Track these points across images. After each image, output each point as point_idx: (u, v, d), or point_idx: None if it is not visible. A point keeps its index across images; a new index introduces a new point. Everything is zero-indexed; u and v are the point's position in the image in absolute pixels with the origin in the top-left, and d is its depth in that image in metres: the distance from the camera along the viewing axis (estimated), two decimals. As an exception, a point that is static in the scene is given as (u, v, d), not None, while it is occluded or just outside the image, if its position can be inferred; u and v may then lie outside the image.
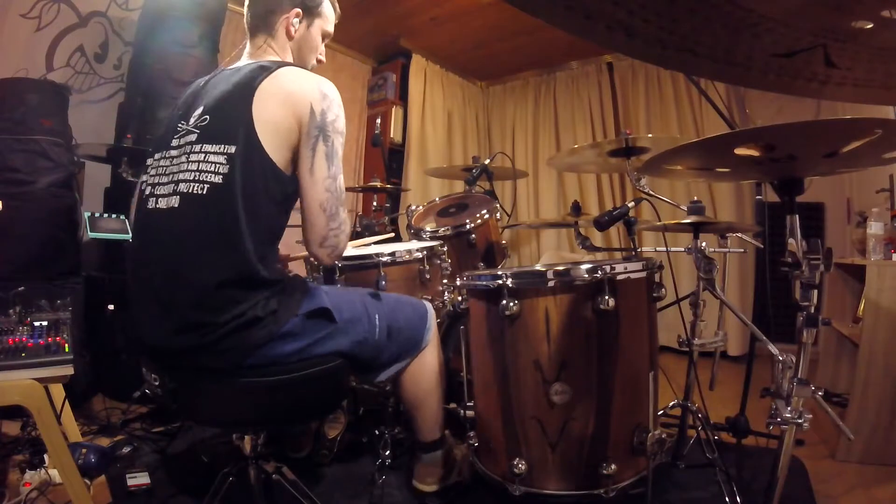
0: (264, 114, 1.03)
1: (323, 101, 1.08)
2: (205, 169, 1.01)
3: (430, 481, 1.40)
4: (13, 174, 1.94)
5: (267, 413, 1.08)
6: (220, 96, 1.07)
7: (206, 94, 1.11)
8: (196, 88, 1.17)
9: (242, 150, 1.01)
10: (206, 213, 1.00)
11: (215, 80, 1.14)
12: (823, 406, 0.97)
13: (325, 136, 1.07)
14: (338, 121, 1.10)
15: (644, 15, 0.49)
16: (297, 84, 1.08)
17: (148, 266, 1.05)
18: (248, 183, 1.01)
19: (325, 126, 1.07)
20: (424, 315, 1.34)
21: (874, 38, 0.53)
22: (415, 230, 2.05)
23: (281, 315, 1.03)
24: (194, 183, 1.01)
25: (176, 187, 1.03)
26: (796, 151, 0.86)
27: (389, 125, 3.84)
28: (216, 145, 1.02)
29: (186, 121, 1.09)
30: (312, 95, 1.07)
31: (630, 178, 1.77)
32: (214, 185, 1.00)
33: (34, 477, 1.41)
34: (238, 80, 1.08)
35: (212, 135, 1.03)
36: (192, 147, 1.04)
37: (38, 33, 2.40)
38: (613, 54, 3.81)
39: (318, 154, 1.06)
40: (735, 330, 3.15)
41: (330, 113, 1.08)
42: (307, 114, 1.05)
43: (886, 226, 1.83)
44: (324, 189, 1.07)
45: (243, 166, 1.00)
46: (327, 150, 1.07)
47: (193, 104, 1.11)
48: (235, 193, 0.99)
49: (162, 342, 1.02)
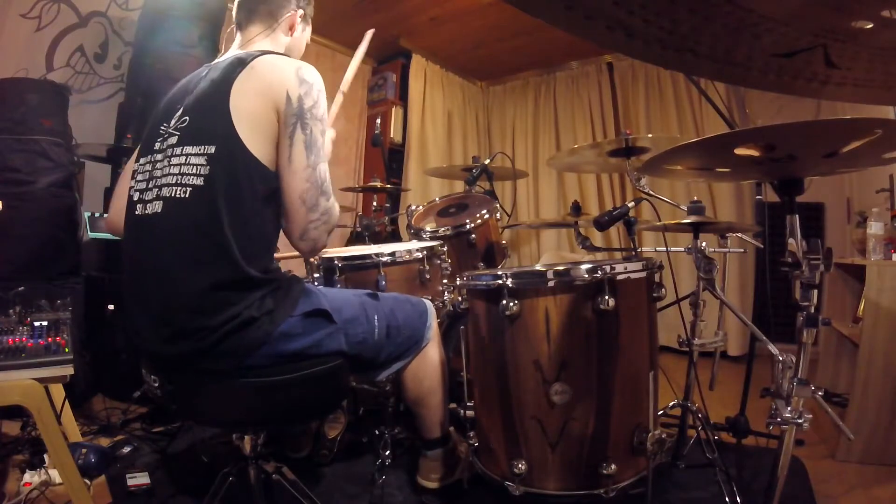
0: (242, 107, 0.99)
1: (300, 86, 1.03)
2: (186, 172, 0.99)
3: (434, 478, 1.41)
4: (13, 174, 1.94)
5: (267, 413, 1.08)
6: (198, 95, 1.05)
7: (186, 94, 1.09)
8: (179, 89, 1.15)
9: (222, 149, 0.98)
10: (189, 217, 0.98)
11: (196, 79, 1.12)
12: (823, 406, 0.97)
13: (304, 123, 1.02)
14: (316, 107, 1.05)
15: (644, 15, 0.49)
16: (274, 71, 1.04)
17: (138, 273, 1.04)
18: (231, 183, 0.98)
19: (303, 113, 1.02)
20: (424, 312, 1.34)
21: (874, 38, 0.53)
22: (415, 230, 2.05)
23: (277, 315, 1.02)
24: (176, 187, 0.99)
25: (159, 192, 1.01)
26: (796, 151, 0.86)
27: (389, 125, 3.84)
28: (196, 146, 1.00)
29: (168, 123, 1.07)
30: (289, 81, 1.02)
31: (630, 178, 1.77)
32: (196, 188, 0.98)
33: (34, 477, 1.41)
34: (215, 77, 1.05)
35: (192, 136, 1.01)
36: (174, 150, 1.02)
37: (38, 33, 2.40)
38: (613, 54, 3.81)
39: (296, 143, 1.02)
40: (735, 330, 3.15)
41: (308, 99, 1.03)
42: (283, 101, 1.01)
43: (886, 226, 1.83)
44: (303, 179, 1.02)
45: (224, 166, 0.98)
46: (306, 138, 1.02)
47: (174, 105, 1.09)
48: (217, 194, 0.97)
49: (159, 349, 1.01)
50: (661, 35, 0.52)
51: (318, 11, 1.36)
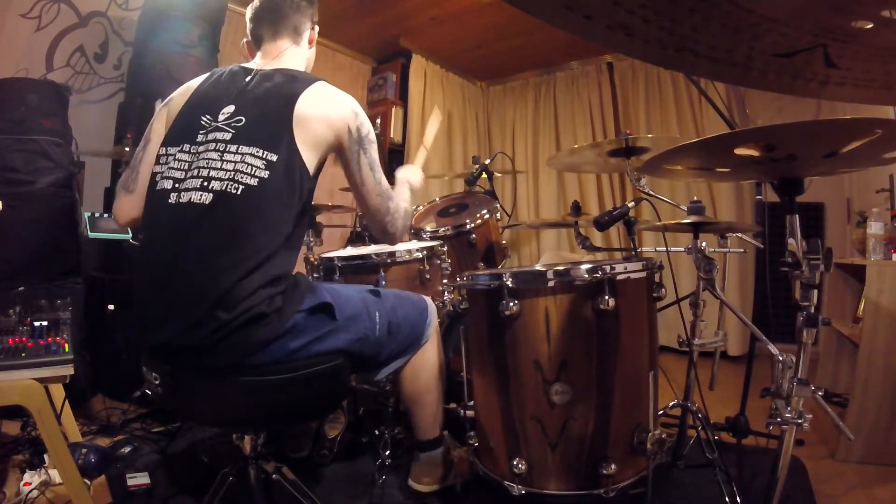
0: (307, 127, 1.10)
1: (356, 119, 1.18)
2: (241, 170, 1.04)
3: (427, 481, 1.40)
4: (13, 174, 1.94)
5: (267, 413, 1.08)
6: (255, 99, 1.12)
7: (233, 93, 1.14)
8: (215, 83, 1.19)
9: (285, 160, 1.07)
10: (238, 214, 1.02)
11: (236, 78, 1.17)
12: (823, 406, 0.96)
13: (364, 149, 1.19)
14: (370, 132, 1.21)
15: (644, 15, 0.49)
16: (334, 105, 1.17)
17: (164, 259, 1.04)
18: (285, 189, 1.06)
19: (363, 141, 1.19)
20: (424, 310, 1.35)
21: (874, 38, 0.53)
22: (415, 230, 2.05)
23: (286, 312, 1.03)
24: (230, 182, 1.03)
25: (207, 184, 1.04)
26: (796, 151, 0.86)
27: (389, 125, 3.84)
28: (255, 149, 1.06)
29: (213, 117, 1.11)
30: (349, 116, 1.17)
31: (630, 178, 1.77)
32: (250, 187, 1.03)
33: (34, 477, 1.41)
34: (273, 89, 1.13)
35: (250, 137, 1.07)
36: (227, 146, 1.06)
37: (38, 33, 2.40)
38: (613, 54, 3.81)
39: (363, 167, 1.19)
40: (735, 330, 3.15)
41: (364, 128, 1.19)
42: (346, 133, 1.16)
43: (886, 226, 1.83)
44: (375, 195, 1.22)
45: (283, 174, 1.06)
46: (369, 160, 1.20)
47: (217, 101, 1.13)
48: (268, 197, 1.04)
49: (170, 338, 1.00)
50: (661, 35, 0.52)
51: (319, 11, 1.36)
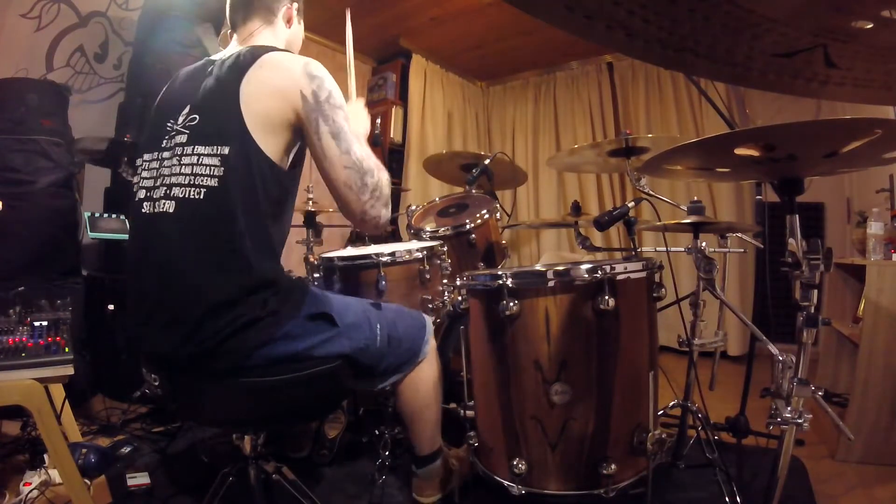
0: (255, 108, 1.00)
1: (311, 82, 1.05)
2: (199, 172, 0.99)
3: (430, 493, 1.39)
4: (13, 174, 1.94)
5: (267, 413, 1.08)
6: (206, 93, 1.05)
7: (191, 90, 1.08)
8: (182, 83, 1.14)
9: (238, 151, 0.99)
10: (203, 218, 0.99)
11: (197, 73, 1.11)
12: (823, 406, 0.96)
13: (324, 115, 1.05)
14: (332, 96, 1.07)
15: (644, 15, 0.49)
16: (283, 72, 1.05)
17: (146, 272, 1.03)
18: (246, 184, 1.00)
19: (321, 106, 1.05)
20: (423, 327, 1.32)
21: (874, 38, 0.53)
22: (415, 230, 2.05)
23: (282, 315, 1.02)
24: (189, 188, 0.99)
25: (170, 191, 1.01)
26: (796, 151, 0.86)
27: (389, 125, 3.84)
28: (208, 146, 1.00)
29: (175, 120, 1.06)
30: (300, 81, 1.04)
31: (630, 178, 1.77)
32: (211, 189, 0.98)
33: (34, 477, 1.41)
34: (222, 75, 1.05)
35: (203, 135, 1.01)
36: (184, 149, 1.02)
37: (38, 33, 2.40)
38: (613, 54, 3.81)
39: (323, 136, 1.04)
40: (735, 330, 3.15)
41: (322, 92, 1.05)
42: (300, 101, 1.03)
43: (886, 226, 1.83)
44: (342, 167, 1.06)
45: (239, 167, 0.99)
46: (331, 128, 1.05)
47: (180, 101, 1.08)
48: (233, 196, 0.98)
49: (162, 350, 1.01)
50: (661, 35, 0.52)
51: (319, 11, 1.37)
